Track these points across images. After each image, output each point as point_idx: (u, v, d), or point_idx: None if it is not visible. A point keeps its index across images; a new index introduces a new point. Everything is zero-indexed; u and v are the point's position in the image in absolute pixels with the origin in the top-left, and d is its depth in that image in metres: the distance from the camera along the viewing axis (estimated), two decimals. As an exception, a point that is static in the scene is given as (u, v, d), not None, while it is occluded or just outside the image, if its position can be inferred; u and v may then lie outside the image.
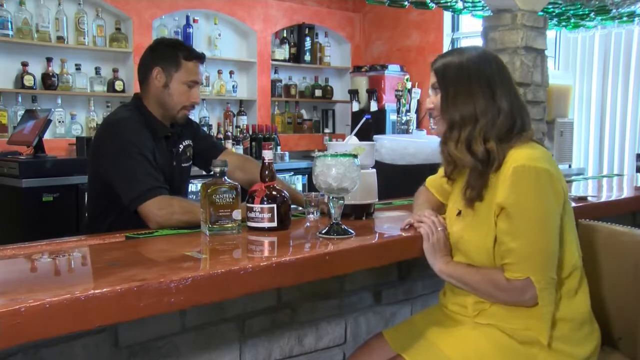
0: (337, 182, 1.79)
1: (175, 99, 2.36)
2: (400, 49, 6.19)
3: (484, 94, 1.70)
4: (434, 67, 1.79)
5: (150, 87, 2.37)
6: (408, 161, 4.34)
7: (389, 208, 2.48)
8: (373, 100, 5.69)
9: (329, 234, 1.82)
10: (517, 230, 1.61)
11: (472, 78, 1.71)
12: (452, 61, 1.76)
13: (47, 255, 1.68)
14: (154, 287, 1.30)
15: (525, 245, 1.60)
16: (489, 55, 1.78)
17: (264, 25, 5.76)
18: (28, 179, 3.82)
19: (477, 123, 1.68)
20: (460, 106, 1.71)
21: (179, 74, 2.34)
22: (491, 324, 1.70)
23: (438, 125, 1.81)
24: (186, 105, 2.38)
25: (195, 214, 1.98)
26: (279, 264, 1.54)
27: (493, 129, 1.68)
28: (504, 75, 1.75)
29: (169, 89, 2.35)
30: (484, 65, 1.73)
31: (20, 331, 1.14)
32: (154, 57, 2.38)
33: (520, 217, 1.61)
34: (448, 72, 1.74)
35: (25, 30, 4.46)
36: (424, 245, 1.82)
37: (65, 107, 4.73)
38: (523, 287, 1.61)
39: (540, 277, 1.60)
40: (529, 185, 1.61)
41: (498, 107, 1.69)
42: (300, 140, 6.13)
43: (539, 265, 1.61)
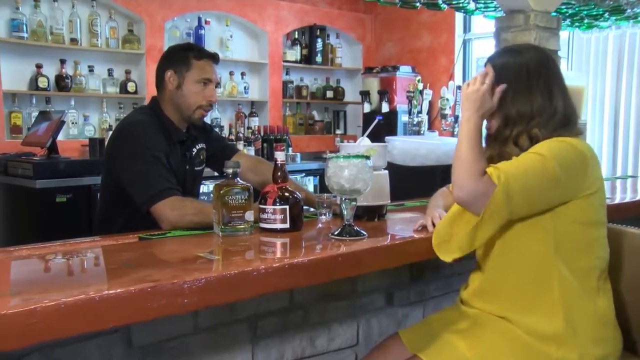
0: (349, 184, 1.79)
1: (189, 99, 2.37)
2: (411, 50, 6.18)
3: (542, 93, 1.73)
4: (492, 63, 1.81)
5: (165, 90, 2.40)
6: (420, 162, 4.33)
7: (401, 209, 2.47)
8: (384, 101, 5.69)
9: (341, 236, 1.82)
10: (526, 162, 1.62)
11: (531, 77, 1.75)
12: (511, 59, 1.79)
13: (61, 256, 1.69)
14: (167, 288, 1.31)
15: (521, 172, 1.60)
16: (547, 55, 1.82)
17: (275, 27, 5.77)
18: (42, 180, 3.84)
19: (531, 121, 1.72)
20: (518, 103, 1.74)
21: (190, 73, 2.36)
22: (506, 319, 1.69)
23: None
24: (202, 105, 2.39)
25: (207, 215, 1.99)
26: (291, 266, 1.55)
27: (545, 127, 1.71)
28: (559, 75, 1.80)
29: (182, 90, 2.37)
30: (543, 66, 1.77)
31: (35, 331, 1.15)
32: (166, 61, 2.42)
33: (536, 160, 1.62)
34: (507, 70, 1.77)
35: (39, 33, 4.49)
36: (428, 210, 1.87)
37: (78, 108, 4.76)
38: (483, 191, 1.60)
39: (500, 200, 1.58)
40: (560, 149, 1.63)
41: (555, 107, 1.73)
42: (311, 141, 6.14)
43: (512, 191, 1.59)
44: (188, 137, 2.46)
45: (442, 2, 4.30)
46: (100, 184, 2.48)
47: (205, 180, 2.76)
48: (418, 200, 2.62)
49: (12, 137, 4.44)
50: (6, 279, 1.52)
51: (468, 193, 1.64)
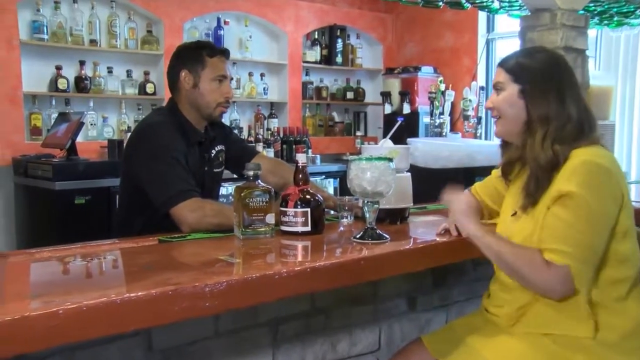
0: (372, 186, 1.79)
1: (207, 97, 2.39)
2: (433, 50, 6.16)
3: (555, 99, 1.71)
4: (505, 67, 1.80)
5: (182, 91, 2.41)
6: (442, 165, 4.32)
7: (423, 212, 2.47)
8: (406, 102, 5.67)
9: (363, 239, 1.82)
10: (569, 219, 1.59)
11: (545, 80, 1.73)
12: (525, 62, 1.78)
13: (81, 258, 1.71)
14: (189, 291, 1.31)
15: (574, 234, 1.58)
16: (559, 59, 1.79)
17: (295, 27, 5.79)
18: (61, 182, 3.89)
19: (549, 125, 1.70)
20: (536, 107, 1.73)
21: (205, 71, 2.38)
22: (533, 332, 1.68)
23: (497, 125, 1.83)
24: (221, 102, 2.41)
25: (227, 217, 2.00)
26: (313, 269, 1.55)
27: (561, 133, 1.69)
28: (572, 80, 1.77)
29: (199, 89, 2.38)
30: (555, 70, 1.75)
31: (57, 333, 1.16)
32: (179, 61, 2.43)
33: (575, 207, 1.59)
34: (524, 72, 1.76)
35: (59, 34, 4.54)
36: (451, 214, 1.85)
37: (97, 109, 4.80)
38: (560, 276, 1.58)
39: (580, 271, 1.58)
40: (589, 178, 1.61)
41: (567, 113, 1.70)
42: (331, 143, 6.14)
43: (582, 258, 1.59)
44: (207, 138, 2.48)
45: (465, 1, 4.28)
46: (119, 186, 2.50)
47: (225, 182, 2.77)
48: (440, 204, 2.61)
49: (32, 138, 4.49)
50: (28, 281, 1.54)
51: (537, 287, 1.64)
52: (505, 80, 1.79)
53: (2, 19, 4.27)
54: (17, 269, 1.65)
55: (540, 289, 1.64)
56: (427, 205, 2.61)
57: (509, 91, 1.78)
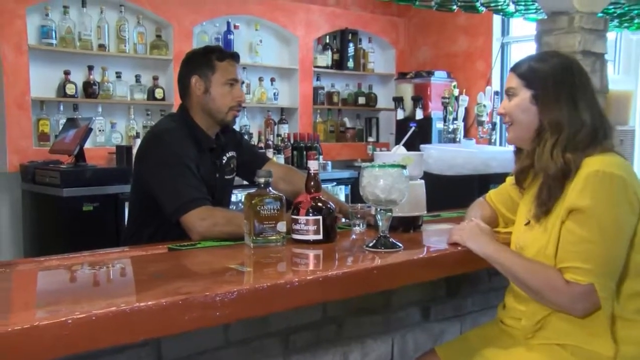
0: (385, 194, 1.80)
1: (219, 102, 2.40)
2: (446, 55, 6.16)
3: (568, 104, 1.71)
4: (517, 72, 1.80)
5: (193, 97, 2.43)
6: (456, 172, 4.31)
7: (437, 220, 2.47)
8: (418, 107, 5.67)
9: (376, 247, 1.83)
10: (586, 235, 1.59)
11: (557, 85, 1.73)
12: (537, 67, 1.77)
13: (90, 267, 1.72)
14: (200, 301, 1.32)
15: (593, 250, 1.58)
16: (572, 64, 1.78)
17: (306, 31, 5.80)
18: (69, 188, 3.91)
19: (561, 133, 1.69)
20: (548, 113, 1.72)
21: (216, 76, 2.40)
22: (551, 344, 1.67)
23: (509, 132, 1.83)
24: (232, 106, 2.43)
25: (238, 225, 2.01)
26: (325, 278, 1.55)
27: (574, 140, 1.68)
28: (586, 85, 1.76)
29: (211, 94, 2.40)
30: (568, 75, 1.74)
31: (66, 343, 1.17)
32: (189, 67, 2.45)
33: (591, 222, 1.59)
34: (536, 77, 1.76)
35: (68, 39, 4.57)
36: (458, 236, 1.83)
37: (106, 115, 4.83)
38: (583, 294, 1.58)
39: (604, 286, 1.58)
40: (602, 190, 1.59)
41: (581, 120, 1.70)
42: (342, 149, 6.14)
43: (604, 273, 1.58)
44: (218, 144, 2.49)
45: (480, 4, 4.28)
46: (130, 194, 2.52)
47: (235, 189, 2.78)
48: (455, 211, 2.60)
49: (39, 144, 4.52)
50: (36, 290, 1.55)
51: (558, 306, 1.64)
52: (518, 85, 1.79)
53: (11, 24, 4.30)
54: (25, 277, 1.66)
55: (563, 308, 1.63)
56: (441, 213, 2.61)
57: (521, 97, 1.77)
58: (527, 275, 1.67)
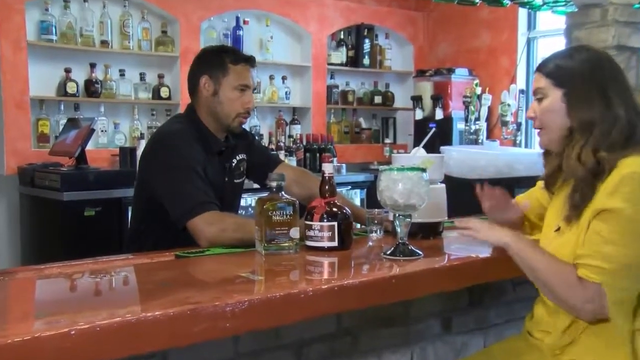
0: (403, 199, 1.80)
1: (227, 106, 2.41)
2: (468, 51, 6.15)
3: (599, 101, 1.69)
4: (544, 71, 1.79)
5: (201, 97, 2.44)
6: (479, 175, 4.29)
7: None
8: (438, 107, 5.66)
9: (394, 255, 1.83)
10: (610, 236, 1.58)
11: (586, 82, 1.72)
12: (565, 64, 1.76)
13: (93, 275, 1.73)
14: (209, 311, 1.33)
15: (614, 253, 1.57)
16: (602, 58, 1.77)
17: (319, 27, 5.81)
18: (70, 192, 3.92)
19: (592, 132, 1.68)
20: (578, 112, 1.71)
21: (227, 79, 2.40)
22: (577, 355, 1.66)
23: (541, 136, 1.82)
24: (240, 113, 2.43)
25: (248, 231, 2.01)
26: (340, 287, 1.56)
27: (607, 139, 1.67)
28: (619, 79, 1.75)
29: (219, 97, 2.40)
30: (597, 70, 1.73)
31: (68, 356, 1.18)
32: (200, 66, 2.45)
33: (615, 222, 1.58)
34: (564, 75, 1.75)
35: (69, 35, 4.60)
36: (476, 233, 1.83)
37: (108, 115, 4.85)
38: (592, 294, 1.58)
39: (614, 289, 1.57)
40: (634, 191, 1.58)
41: (614, 115, 1.68)
42: (358, 151, 6.15)
43: (619, 276, 1.57)
44: (227, 146, 2.50)
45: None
46: (133, 197, 2.53)
47: (245, 193, 2.79)
48: (477, 217, 2.59)
49: (39, 146, 4.54)
50: (37, 300, 1.56)
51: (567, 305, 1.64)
52: (546, 85, 1.77)
53: (9, 19, 4.33)
54: (25, 286, 1.68)
55: (570, 307, 1.63)
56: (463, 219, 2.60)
57: (551, 98, 1.76)
58: (541, 267, 1.67)
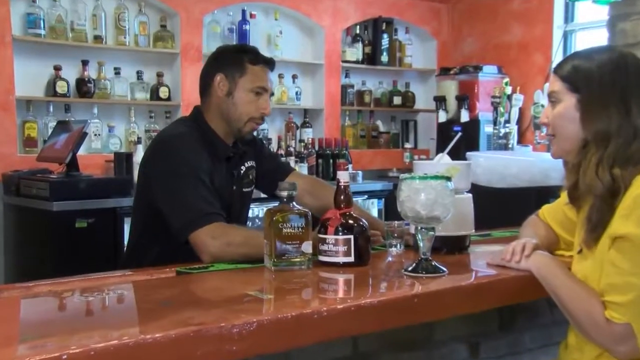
0: (426, 210, 1.80)
1: (240, 108, 2.43)
2: (497, 46, 6.15)
3: (618, 109, 1.68)
4: (559, 74, 1.78)
5: (213, 97, 2.46)
6: (509, 183, 4.30)
7: (487, 241, 2.47)
8: (464, 108, 5.66)
9: (416, 272, 1.83)
10: (627, 267, 1.58)
11: (603, 89, 1.70)
12: (582, 66, 1.75)
13: (86, 293, 1.74)
14: (214, 333, 1.34)
15: (634, 285, 1.57)
16: (626, 60, 1.75)
17: (332, 21, 5.83)
18: (59, 202, 3.94)
19: (609, 144, 1.67)
20: (594, 121, 1.70)
21: (244, 79, 2.43)
22: None
23: (552, 144, 1.82)
24: (254, 117, 2.46)
25: (256, 245, 2.02)
26: (357, 307, 1.56)
27: (624, 152, 1.66)
28: None
29: (233, 98, 2.43)
30: (618, 74, 1.71)
31: (61, 382, 1.19)
32: (216, 63, 2.49)
33: (633, 251, 1.58)
34: (580, 78, 1.74)
35: (59, 29, 4.62)
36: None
37: (102, 117, 4.87)
38: (621, 335, 1.58)
39: None
40: None
41: (634, 128, 1.67)
42: (375, 157, 6.15)
43: None
44: (236, 153, 2.52)
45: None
46: (133, 208, 2.55)
47: (252, 202, 2.80)
48: (508, 230, 2.60)
49: (25, 151, 4.57)
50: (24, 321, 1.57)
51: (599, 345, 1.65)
52: (560, 89, 1.77)
53: (-6, 13, 4.37)
54: (9, 306, 1.68)
55: (606, 347, 1.64)
56: (491, 232, 2.61)
57: (565, 103, 1.76)
58: (569, 301, 1.68)
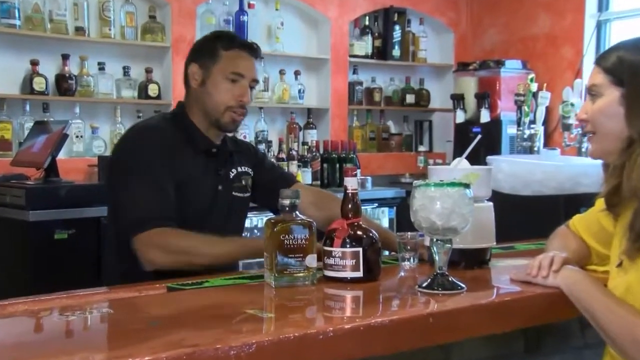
0: (442, 220, 1.81)
1: (215, 98, 2.48)
2: (522, 39, 6.15)
3: None
4: (602, 65, 1.80)
5: (190, 90, 2.55)
6: (535, 191, 4.30)
7: (510, 254, 2.47)
8: (484, 108, 5.66)
9: (431, 288, 1.84)
10: None
11: None
12: (629, 57, 1.76)
13: (67, 312, 1.74)
14: (209, 355, 1.34)
15: None
16: None
17: (339, 11, 5.83)
18: (37, 211, 3.93)
19: None
20: (637, 118, 1.72)
21: (217, 66, 2.49)
22: None
23: (591, 143, 1.82)
24: (231, 106, 2.49)
25: (201, 254, 2.20)
26: (367, 327, 1.57)
27: None
28: None
29: (207, 87, 2.50)
30: None
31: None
32: (191, 54, 2.59)
33: None
34: (626, 71, 1.75)
35: (35, 20, 4.62)
36: None
37: (85, 117, 4.88)
38: None
39: None
40: None
41: None
42: (386, 161, 6.16)
43: None
44: (222, 149, 2.58)
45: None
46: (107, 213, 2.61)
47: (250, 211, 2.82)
48: (533, 242, 2.60)
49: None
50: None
51: None
52: (603, 82, 1.78)
53: (-36, 2, 4.38)
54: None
55: None
56: (515, 245, 2.61)
57: (607, 98, 1.77)
58: (608, 321, 1.67)
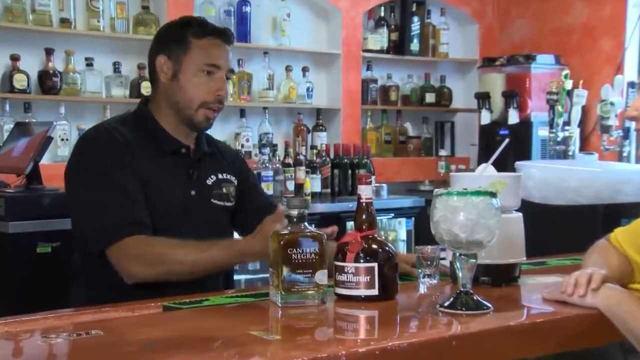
0: (466, 233, 1.82)
1: (189, 93, 2.46)
2: (555, 31, 6.14)
3: None
4: None
5: (158, 84, 2.52)
6: (569, 200, 4.29)
7: (541, 270, 2.47)
8: (512, 107, 5.65)
9: (454, 308, 1.85)
10: None
11: None
12: None
13: (52, 334, 1.75)
14: (211, 381, 1.36)
15: None
16: None
17: (352, 1, 5.83)
18: (17, 222, 3.93)
19: None
20: None
21: (189, 57, 2.46)
22: None
23: None
24: (207, 101, 2.47)
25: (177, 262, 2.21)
26: (383, 351, 1.57)
27: None
28: None
29: (179, 81, 2.47)
30: None
31: None
32: (157, 44, 2.55)
33: None
34: None
35: (16, 10, 4.61)
36: None
37: (71, 118, 4.88)
38: None
39: None
40: None
41: None
42: (403, 166, 6.16)
43: None
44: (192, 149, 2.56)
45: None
46: None
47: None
48: (568, 257, 2.61)
49: (-23, 159, 4.61)
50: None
51: None
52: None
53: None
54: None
55: None
56: (547, 260, 2.61)
57: None
58: None
